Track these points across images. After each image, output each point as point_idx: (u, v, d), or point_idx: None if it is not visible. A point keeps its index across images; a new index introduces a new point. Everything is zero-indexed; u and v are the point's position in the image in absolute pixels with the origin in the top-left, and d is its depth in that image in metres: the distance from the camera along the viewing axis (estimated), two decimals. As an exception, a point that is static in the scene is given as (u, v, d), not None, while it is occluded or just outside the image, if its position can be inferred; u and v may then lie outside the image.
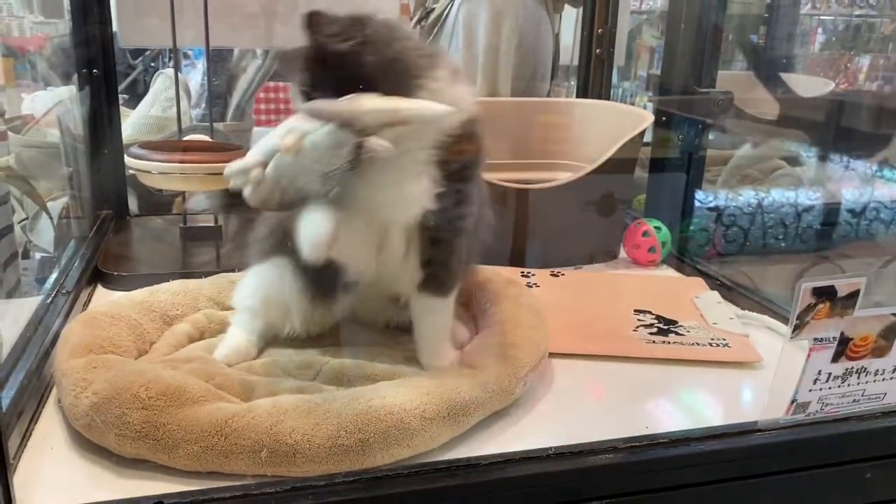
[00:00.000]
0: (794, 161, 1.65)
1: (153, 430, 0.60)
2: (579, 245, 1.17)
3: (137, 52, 2.55)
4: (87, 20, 1.16)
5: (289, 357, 0.77)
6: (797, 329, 0.60)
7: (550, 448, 0.61)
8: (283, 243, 0.75)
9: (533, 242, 1.13)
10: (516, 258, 1.13)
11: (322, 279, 0.75)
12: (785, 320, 0.93)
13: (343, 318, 0.83)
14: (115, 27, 1.22)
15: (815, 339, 0.62)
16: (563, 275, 1.10)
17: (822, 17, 2.84)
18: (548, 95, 1.68)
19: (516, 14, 1.51)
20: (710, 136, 1.34)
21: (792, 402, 0.63)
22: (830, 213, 1.51)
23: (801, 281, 0.59)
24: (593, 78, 1.43)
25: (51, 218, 1.22)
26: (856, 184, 1.58)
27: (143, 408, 0.61)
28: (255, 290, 0.80)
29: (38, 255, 1.29)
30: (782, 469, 0.65)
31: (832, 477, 0.67)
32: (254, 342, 0.79)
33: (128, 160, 1.04)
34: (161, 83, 1.86)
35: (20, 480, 0.59)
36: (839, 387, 0.64)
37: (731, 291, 1.05)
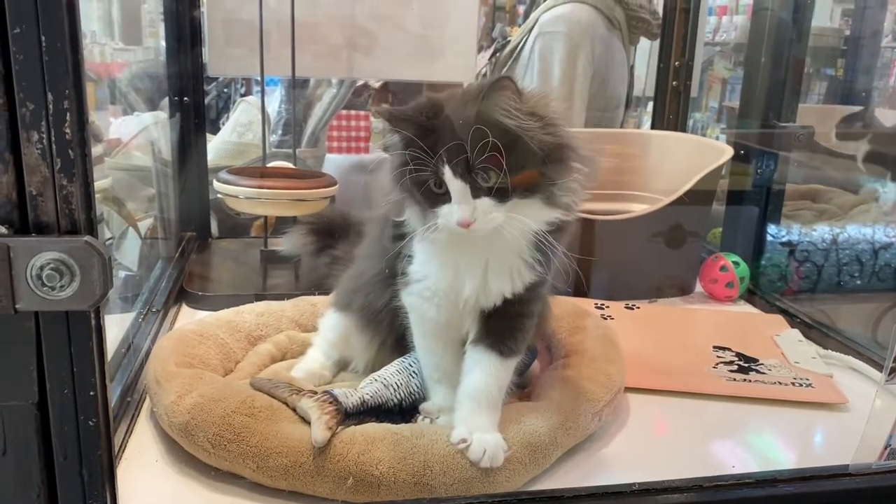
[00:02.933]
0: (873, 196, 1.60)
1: (250, 436, 0.62)
2: (653, 278, 1.16)
3: (210, 79, 2.65)
4: (180, 50, 1.22)
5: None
6: (893, 372, 0.59)
7: (634, 484, 0.61)
8: (362, 304, 0.78)
9: (605, 273, 1.13)
10: (581, 289, 1.12)
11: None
12: (869, 361, 0.92)
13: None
14: (205, 57, 1.27)
15: (912, 383, 0.60)
16: (638, 308, 1.09)
17: (902, 50, 2.77)
18: (621, 126, 1.68)
19: (592, 46, 1.52)
20: (789, 170, 1.32)
21: (886, 448, 0.62)
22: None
23: (894, 320, 0.58)
24: (669, 109, 1.42)
25: (141, 238, 1.27)
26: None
27: (246, 414, 0.64)
28: (334, 326, 0.82)
29: (122, 274, 1.34)
30: (874, 516, 0.63)
31: (927, 526, 0.64)
32: (328, 367, 0.82)
33: (216, 184, 1.08)
34: (241, 110, 1.92)
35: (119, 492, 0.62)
36: (937, 433, 0.62)
37: (810, 330, 1.02)
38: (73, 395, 0.46)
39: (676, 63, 1.39)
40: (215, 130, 2.12)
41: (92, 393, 0.47)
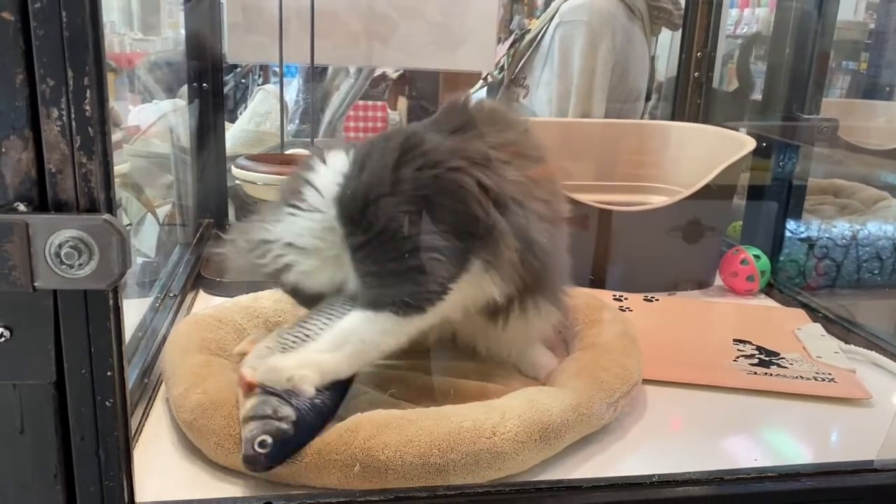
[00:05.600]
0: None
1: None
2: (671, 270, 1.15)
3: (229, 69, 2.65)
4: (199, 36, 1.22)
5: (380, 370, 0.78)
6: (921, 366, 0.58)
7: (654, 475, 0.60)
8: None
9: (623, 265, 1.12)
10: (598, 280, 1.11)
11: None
12: (893, 357, 0.90)
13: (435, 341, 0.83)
14: (224, 44, 1.27)
15: (940, 378, 0.59)
16: (657, 300, 1.08)
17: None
18: (642, 117, 1.66)
19: (613, 37, 1.51)
20: (812, 164, 1.30)
21: (912, 443, 0.60)
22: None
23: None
24: (690, 101, 1.41)
25: (160, 224, 1.27)
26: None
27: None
28: None
29: (139, 260, 1.35)
30: (899, 512, 0.62)
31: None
32: None
33: (234, 171, 1.08)
34: (259, 98, 1.92)
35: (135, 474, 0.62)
36: (964, 429, 0.61)
37: (832, 324, 1.01)
38: (91, 374, 0.46)
39: (698, 54, 1.38)
40: (233, 120, 2.12)
41: (109, 373, 0.47)
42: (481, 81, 1.69)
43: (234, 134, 1.90)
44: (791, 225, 1.30)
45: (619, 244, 1.10)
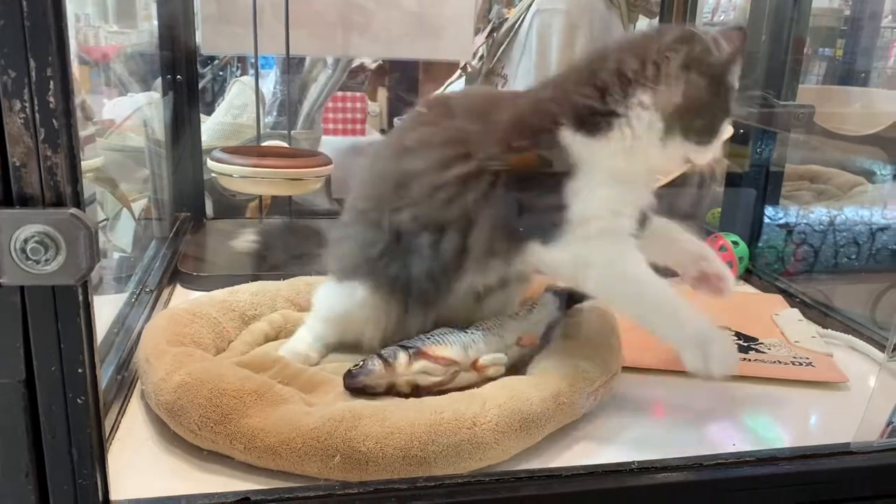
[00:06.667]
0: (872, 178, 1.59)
1: (238, 417, 0.62)
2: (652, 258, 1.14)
3: (205, 61, 2.62)
4: (172, 27, 1.20)
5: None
6: (896, 349, 0.58)
7: (633, 462, 0.60)
8: (381, 264, 0.76)
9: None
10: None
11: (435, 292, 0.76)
12: (869, 340, 0.91)
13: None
14: (198, 35, 1.26)
15: (915, 360, 0.59)
16: (636, 288, 1.08)
17: (902, 31, 2.75)
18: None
19: (591, 25, 1.50)
20: (788, 151, 1.30)
21: (888, 425, 0.61)
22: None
23: (894, 298, 0.57)
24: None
25: (135, 219, 1.25)
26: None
27: (233, 396, 0.63)
28: (335, 305, 0.80)
29: (116, 255, 1.33)
30: (875, 493, 0.62)
31: (928, 504, 0.64)
32: (317, 349, 0.80)
33: (210, 163, 1.07)
34: (236, 90, 1.90)
35: (110, 470, 0.61)
36: (939, 411, 0.62)
37: (810, 309, 1.02)
38: (61, 372, 0.45)
39: (675, 41, 1.38)
40: (211, 113, 2.10)
41: (80, 370, 0.46)
42: (459, 71, 1.68)
43: (211, 126, 1.88)
44: (769, 211, 1.31)
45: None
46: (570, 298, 0.85)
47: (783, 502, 0.61)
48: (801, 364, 0.84)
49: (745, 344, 0.89)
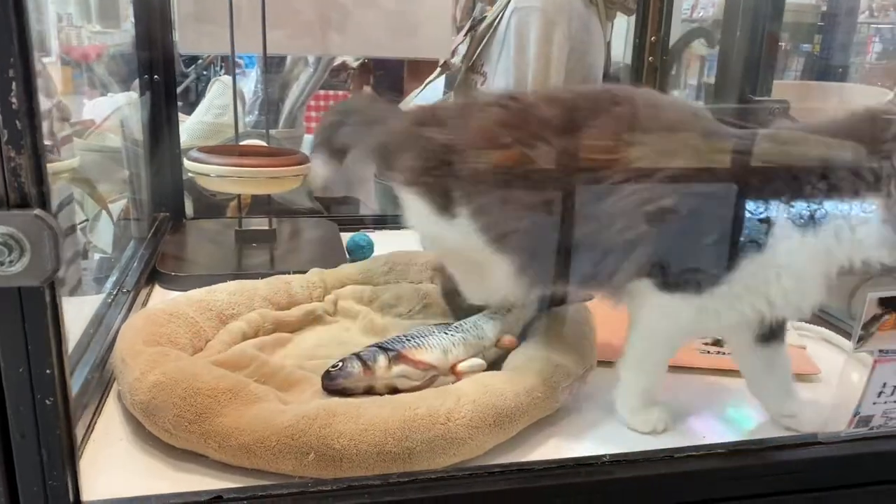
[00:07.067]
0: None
1: (212, 416, 0.62)
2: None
3: (190, 61, 2.61)
4: (149, 26, 1.19)
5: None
6: (861, 340, 0.59)
7: (605, 455, 0.61)
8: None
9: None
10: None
11: None
12: (843, 333, 0.92)
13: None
14: (175, 34, 1.25)
15: (880, 351, 0.60)
16: (613, 283, 1.08)
17: (878, 26, 2.77)
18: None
19: (568, 23, 1.51)
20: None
21: (855, 416, 0.62)
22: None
23: (867, 291, 0.58)
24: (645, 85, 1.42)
25: (112, 219, 1.25)
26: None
27: (208, 395, 0.63)
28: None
29: (96, 256, 1.33)
30: (843, 483, 0.63)
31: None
32: None
33: (187, 163, 1.06)
34: (216, 90, 1.90)
35: (84, 471, 0.61)
36: (904, 401, 0.62)
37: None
38: (29, 373, 0.45)
39: (652, 38, 1.39)
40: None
41: (49, 371, 0.46)
42: (439, 69, 1.69)
43: (191, 126, 1.88)
44: (750, 206, 1.32)
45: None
46: (552, 301, 0.86)
47: (753, 493, 0.62)
48: (774, 357, 0.85)
49: (721, 338, 0.90)
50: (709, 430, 0.72)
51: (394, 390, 0.72)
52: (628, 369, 0.73)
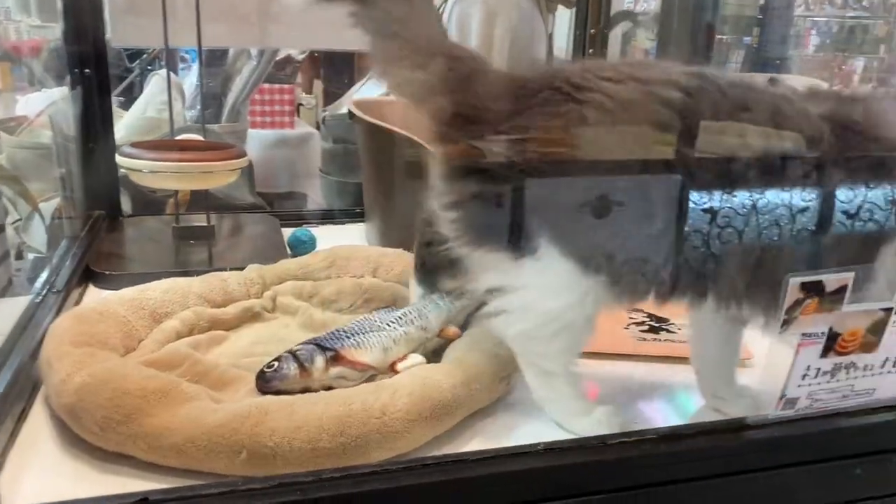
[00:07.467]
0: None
1: (141, 417, 0.61)
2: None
3: (135, 56, 2.55)
4: (78, 19, 1.16)
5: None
6: (786, 324, 0.60)
7: (540, 444, 0.61)
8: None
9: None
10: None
11: None
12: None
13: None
14: (107, 27, 1.22)
15: (804, 335, 0.61)
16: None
17: (815, 19, 2.85)
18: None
19: (509, 14, 1.51)
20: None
21: (781, 398, 0.63)
22: (825, 214, 1.51)
23: (789, 276, 0.59)
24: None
25: (42, 218, 1.22)
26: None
27: (136, 396, 0.62)
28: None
29: (31, 256, 1.29)
30: (772, 465, 0.64)
31: (822, 472, 0.66)
32: None
33: (119, 159, 1.04)
34: (155, 84, 1.86)
35: (7, 478, 0.60)
36: (828, 382, 0.64)
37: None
38: (-64, 377, 0.44)
39: (592, 31, 1.40)
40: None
41: (-42, 375, 0.44)
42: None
43: (130, 122, 1.84)
44: (694, 196, 1.34)
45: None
46: None
47: (685, 477, 0.63)
48: (709, 343, 0.87)
49: (658, 325, 0.91)
50: (641, 418, 0.73)
51: (329, 388, 0.71)
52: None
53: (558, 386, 0.70)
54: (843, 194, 0.65)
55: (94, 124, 1.20)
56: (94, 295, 0.98)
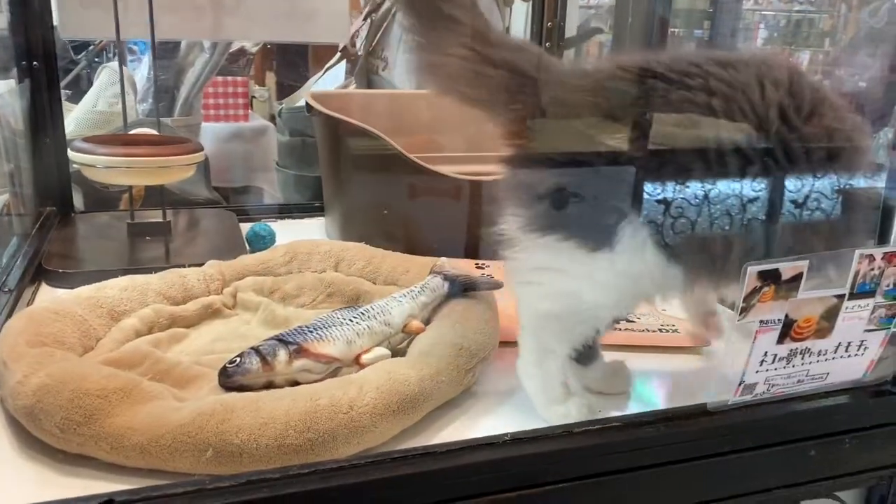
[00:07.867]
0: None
1: (103, 417, 0.59)
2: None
3: (81, 47, 2.49)
4: (25, 10, 1.13)
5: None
6: (744, 311, 0.62)
7: (506, 434, 0.62)
8: None
9: (488, 234, 1.14)
10: (471, 250, 1.13)
11: None
12: (732, 306, 0.96)
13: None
14: (55, 18, 1.19)
15: (761, 322, 0.63)
16: (516, 265, 1.10)
17: (763, 13, 2.91)
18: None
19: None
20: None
21: (740, 384, 0.65)
22: (774, 203, 1.55)
23: (747, 264, 0.61)
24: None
25: (-9, 216, 1.18)
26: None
27: (97, 396, 0.60)
28: None
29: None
30: (732, 449, 0.66)
31: (779, 455, 0.68)
32: None
33: (72, 154, 1.01)
34: (105, 77, 1.82)
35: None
36: (784, 368, 0.66)
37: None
38: None
39: (549, 24, 1.41)
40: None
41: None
42: (338, 54, 1.66)
43: (79, 116, 1.79)
44: (648, 187, 1.36)
45: (490, 214, 1.11)
46: (465, 287, 0.86)
47: (649, 463, 0.64)
48: (667, 331, 0.88)
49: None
50: (603, 406, 0.74)
51: (294, 384, 0.71)
52: None
53: (550, 366, 0.70)
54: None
55: (44, 118, 1.17)
56: (48, 294, 0.96)
